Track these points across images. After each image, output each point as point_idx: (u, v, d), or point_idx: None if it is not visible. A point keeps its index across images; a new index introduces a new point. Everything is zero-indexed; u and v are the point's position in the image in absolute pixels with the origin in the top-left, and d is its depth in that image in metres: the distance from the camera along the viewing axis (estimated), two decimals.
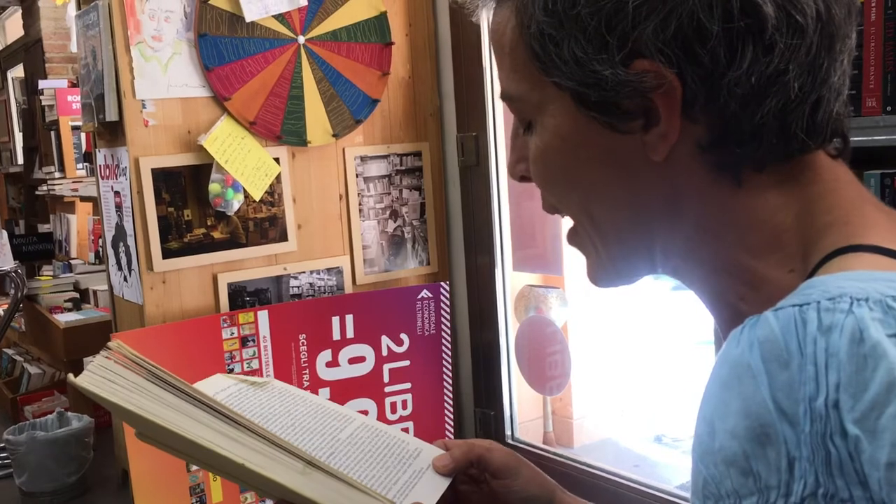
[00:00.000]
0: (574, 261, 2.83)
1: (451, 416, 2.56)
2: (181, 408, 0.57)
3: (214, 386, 0.70)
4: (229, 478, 0.66)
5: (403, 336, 2.48)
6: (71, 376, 0.58)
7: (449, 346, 2.54)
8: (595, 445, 2.90)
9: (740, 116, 0.49)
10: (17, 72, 6.25)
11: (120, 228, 2.31)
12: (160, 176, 2.18)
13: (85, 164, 4.40)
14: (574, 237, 0.61)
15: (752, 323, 0.44)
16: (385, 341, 2.45)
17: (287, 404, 0.75)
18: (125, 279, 2.32)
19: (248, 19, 2.23)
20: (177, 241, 2.21)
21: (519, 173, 0.62)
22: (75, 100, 4.55)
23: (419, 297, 2.50)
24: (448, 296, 2.53)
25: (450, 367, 2.55)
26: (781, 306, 0.43)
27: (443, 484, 0.72)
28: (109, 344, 0.59)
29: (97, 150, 2.43)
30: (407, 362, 2.49)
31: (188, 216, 2.22)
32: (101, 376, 0.56)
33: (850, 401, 0.38)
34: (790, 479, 0.40)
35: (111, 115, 2.15)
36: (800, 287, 0.45)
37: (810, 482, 0.39)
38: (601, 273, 0.59)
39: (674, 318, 3.69)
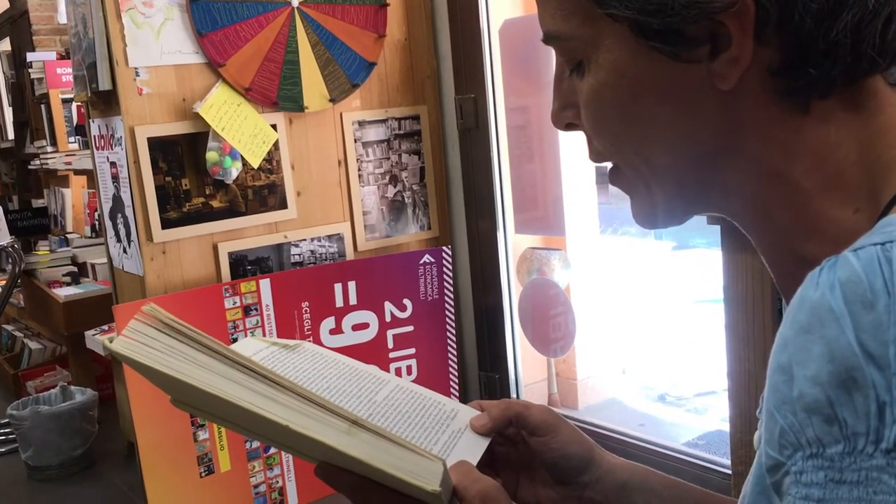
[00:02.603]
0: (576, 222, 2.81)
1: (456, 381, 2.56)
2: (220, 370, 0.55)
3: (245, 349, 0.68)
4: (268, 441, 0.64)
5: (406, 301, 2.47)
6: (106, 341, 0.57)
7: (452, 310, 2.54)
8: (600, 406, 2.91)
9: (815, 34, 0.46)
10: (4, 45, 6.15)
11: (117, 200, 2.28)
12: (157, 145, 2.15)
13: (77, 137, 4.35)
14: (619, 177, 0.58)
15: (830, 264, 0.42)
16: (388, 307, 2.44)
17: (320, 367, 0.74)
18: (124, 251, 2.29)
19: None
20: (175, 210, 2.19)
21: (565, 121, 0.58)
22: (65, 72, 4.49)
23: (421, 262, 2.48)
24: (450, 260, 2.52)
25: (454, 332, 2.54)
26: (861, 245, 0.41)
27: (482, 444, 0.71)
28: (144, 308, 0.57)
29: (91, 121, 2.39)
30: (411, 328, 2.48)
31: (186, 185, 2.20)
32: (136, 341, 0.55)
33: None
34: (880, 424, 0.38)
35: (104, 83, 2.12)
36: (878, 225, 0.43)
37: None
38: (652, 214, 0.57)
39: (675, 277, 3.69)
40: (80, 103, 2.93)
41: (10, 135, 5.94)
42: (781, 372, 0.42)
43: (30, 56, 4.84)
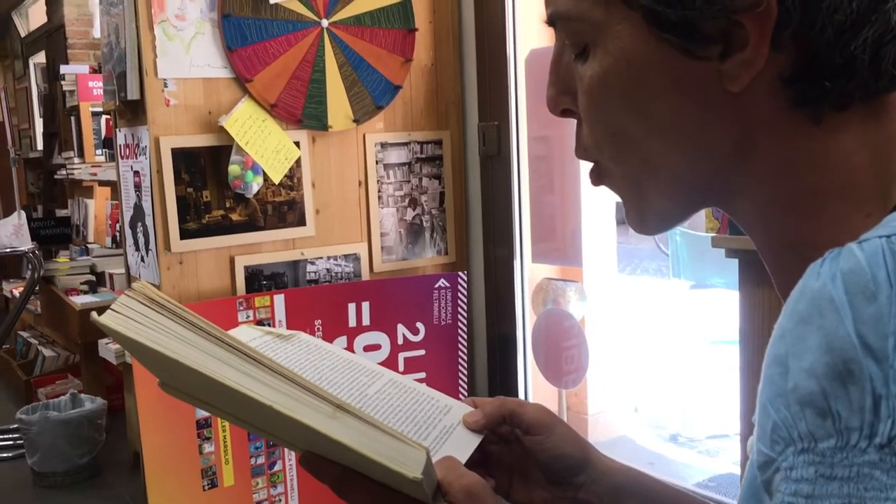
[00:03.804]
0: (593, 255, 2.80)
1: None
2: (207, 349, 0.55)
3: (240, 336, 0.68)
4: (253, 428, 0.64)
5: (419, 325, 2.46)
6: (94, 314, 0.56)
7: (465, 336, 2.52)
8: (610, 442, 2.88)
9: (833, 45, 0.45)
10: (39, 58, 6.28)
11: (138, 208, 2.30)
12: (180, 156, 2.17)
13: (104, 150, 4.41)
14: (604, 175, 0.56)
15: (833, 255, 0.41)
16: (401, 329, 2.44)
17: (314, 358, 0.73)
18: (142, 259, 2.31)
19: (272, 1, 2.21)
20: (195, 221, 2.20)
21: (561, 106, 0.56)
22: (96, 85, 4.56)
23: (436, 285, 2.48)
24: (465, 286, 2.51)
25: (465, 358, 2.52)
26: (866, 238, 0.41)
27: (474, 441, 0.69)
28: (134, 285, 0.57)
29: (118, 130, 2.43)
30: (422, 351, 2.47)
31: (207, 197, 2.21)
32: (124, 315, 0.54)
33: None
34: (875, 419, 0.37)
35: (133, 93, 2.14)
36: (885, 219, 0.42)
37: None
38: (650, 218, 0.55)
39: (691, 316, 3.66)
40: (108, 116, 2.98)
41: (39, 145, 6.04)
42: (777, 364, 0.41)
43: (63, 69, 4.93)
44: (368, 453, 0.53)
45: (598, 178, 0.57)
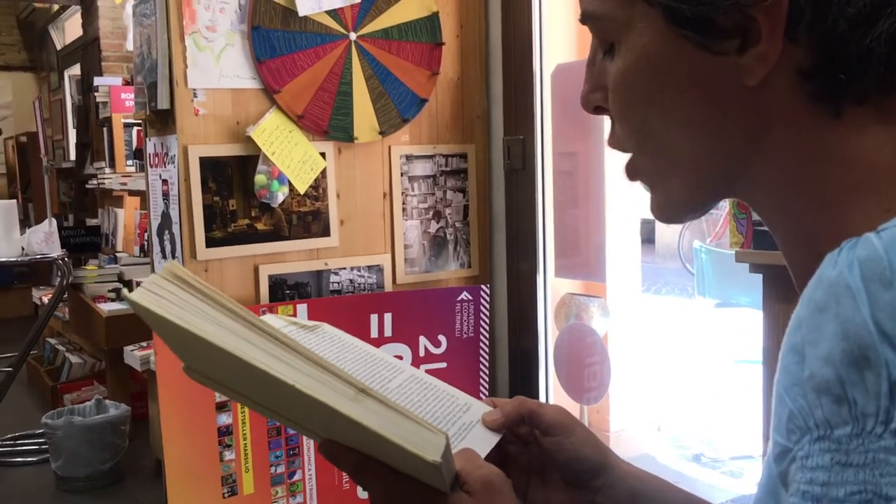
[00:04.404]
0: (617, 271, 2.79)
1: None
2: (233, 328, 0.55)
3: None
4: (273, 415, 0.64)
5: (441, 337, 2.46)
6: (125, 290, 0.58)
7: (487, 349, 2.52)
8: (632, 461, 2.83)
9: (848, 39, 0.45)
10: (74, 71, 6.40)
11: (166, 217, 2.33)
12: (207, 165, 2.20)
13: (135, 160, 4.47)
14: (636, 171, 0.57)
15: (851, 244, 0.41)
16: (423, 342, 2.44)
17: (336, 350, 0.74)
18: None
19: (301, 14, 2.24)
20: (221, 230, 2.22)
21: (594, 104, 0.58)
22: (128, 97, 4.64)
23: (459, 298, 2.48)
24: (488, 299, 2.51)
25: (487, 371, 2.52)
26: (885, 227, 0.41)
27: (492, 439, 0.69)
28: (165, 265, 0.58)
29: (147, 139, 2.46)
30: (444, 364, 2.46)
31: (233, 206, 2.24)
32: (154, 293, 0.55)
33: None
34: (891, 405, 0.36)
35: (163, 103, 2.18)
36: None
37: None
38: (672, 208, 0.56)
39: (716, 335, 3.62)
40: (140, 127, 3.02)
41: (73, 156, 6.14)
42: (794, 353, 0.41)
43: (97, 80, 5.02)
44: (388, 435, 0.53)
45: (632, 172, 0.58)
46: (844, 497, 0.37)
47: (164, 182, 2.32)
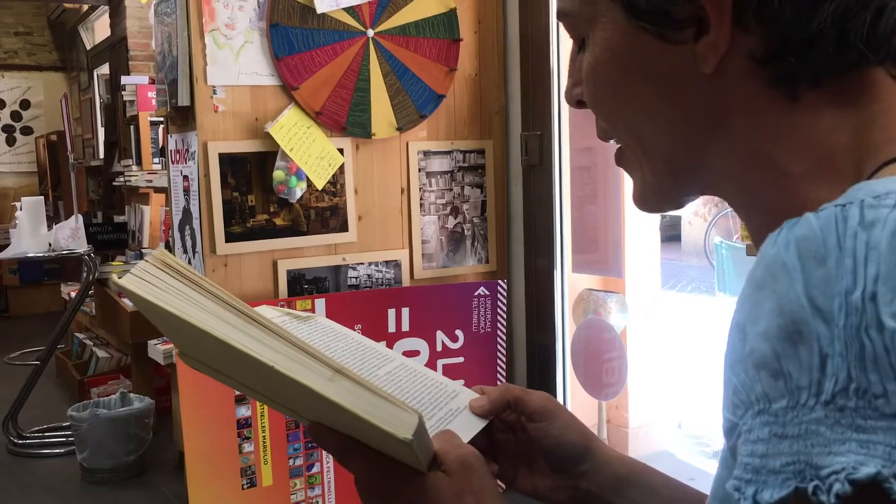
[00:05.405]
0: (636, 267, 2.78)
1: None
2: (217, 312, 0.57)
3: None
4: (262, 398, 0.66)
5: (458, 332, 2.47)
6: (115, 276, 0.60)
7: (504, 344, 2.53)
8: (651, 457, 2.84)
9: (795, 23, 0.47)
10: (103, 70, 6.49)
11: (187, 212, 2.37)
12: (227, 161, 2.23)
13: (161, 157, 4.53)
14: (621, 159, 0.60)
15: (791, 224, 0.42)
16: (440, 336, 2.45)
17: (328, 339, 0.75)
18: (189, 262, 2.37)
19: (319, 11, 2.26)
20: (240, 225, 2.25)
21: (575, 98, 0.60)
22: (154, 95, 4.69)
23: (476, 293, 2.49)
24: (505, 294, 2.52)
25: (504, 366, 2.53)
26: (823, 207, 0.41)
27: (478, 425, 0.71)
28: (154, 252, 0.60)
29: (169, 136, 2.50)
30: (461, 359, 2.48)
31: (252, 202, 2.26)
32: (143, 279, 0.57)
33: (888, 293, 0.37)
34: (822, 377, 0.37)
35: (183, 99, 2.21)
36: (847, 191, 0.43)
37: (842, 378, 0.37)
38: (648, 196, 0.58)
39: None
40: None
41: (101, 154, 6.23)
42: (737, 330, 0.42)
43: (124, 79, 5.08)
44: (361, 413, 0.55)
45: (618, 160, 0.61)
46: (780, 468, 0.38)
47: (185, 178, 2.35)
